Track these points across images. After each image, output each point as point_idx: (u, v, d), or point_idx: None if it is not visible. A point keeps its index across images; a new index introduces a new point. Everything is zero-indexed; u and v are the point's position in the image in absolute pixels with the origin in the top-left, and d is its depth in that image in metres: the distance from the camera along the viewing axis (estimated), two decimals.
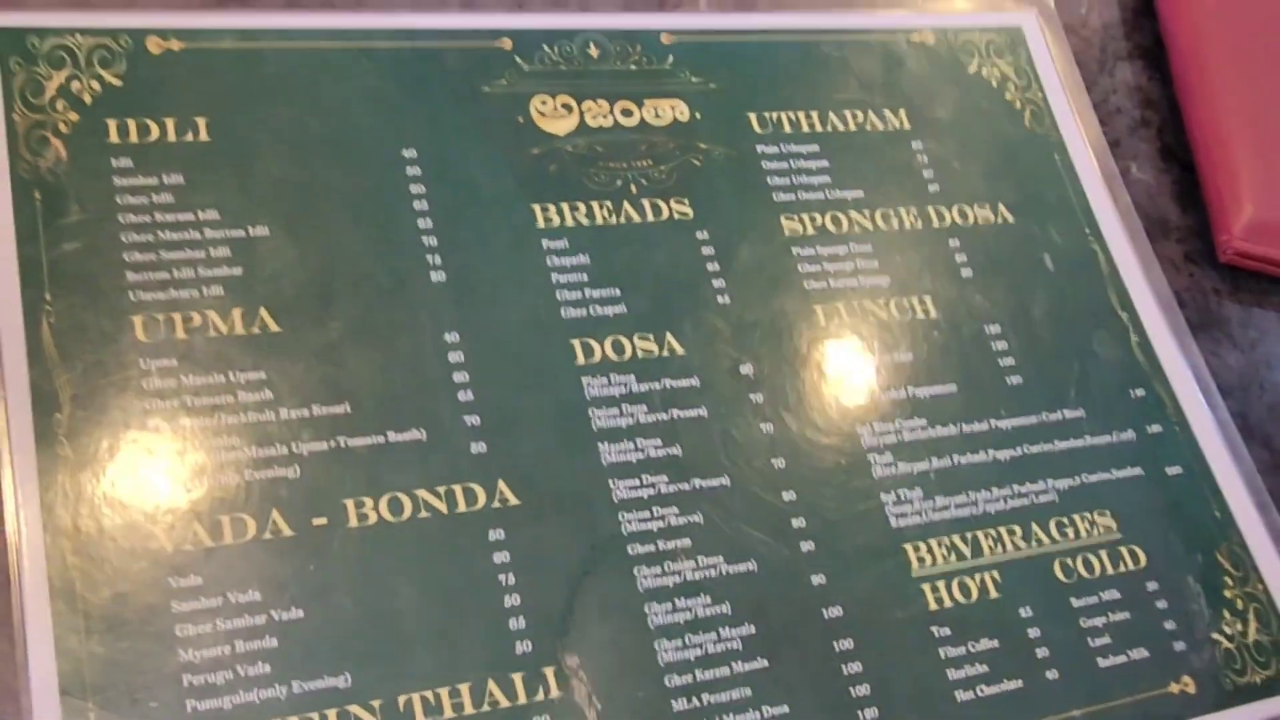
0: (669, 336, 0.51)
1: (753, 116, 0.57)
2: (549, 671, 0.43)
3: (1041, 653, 0.50)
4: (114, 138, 0.47)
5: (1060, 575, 0.52)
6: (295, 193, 0.48)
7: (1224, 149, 0.64)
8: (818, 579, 0.48)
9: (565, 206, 0.52)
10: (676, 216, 0.53)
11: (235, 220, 0.47)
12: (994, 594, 0.50)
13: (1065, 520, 0.53)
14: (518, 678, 0.43)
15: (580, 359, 0.49)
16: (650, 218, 0.53)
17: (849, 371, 0.53)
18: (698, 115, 0.56)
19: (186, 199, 0.47)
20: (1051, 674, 0.49)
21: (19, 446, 0.41)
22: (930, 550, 0.50)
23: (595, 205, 0.52)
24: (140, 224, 0.46)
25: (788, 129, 0.58)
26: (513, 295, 0.49)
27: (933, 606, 0.49)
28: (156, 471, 0.42)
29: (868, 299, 0.55)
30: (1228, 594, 0.54)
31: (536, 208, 0.51)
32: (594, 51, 0.56)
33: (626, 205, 0.53)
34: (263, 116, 0.49)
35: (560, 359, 0.49)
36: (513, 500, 0.46)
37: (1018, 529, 0.52)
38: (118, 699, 0.39)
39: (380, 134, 0.50)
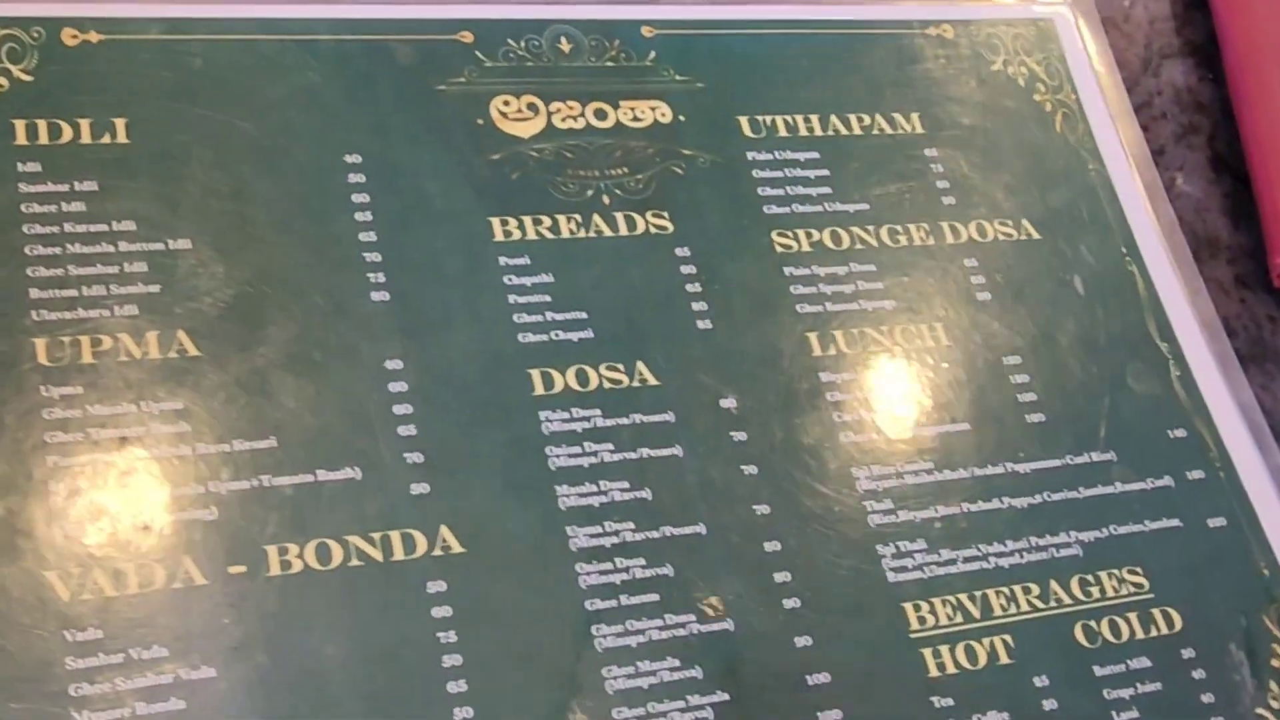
0: (640, 366, 0.51)
1: (744, 120, 0.58)
2: None
3: None
4: (21, 139, 0.47)
5: (1082, 639, 0.51)
6: (223, 202, 0.49)
7: None
8: (803, 641, 0.48)
9: (527, 219, 0.52)
10: (653, 231, 0.54)
11: (154, 232, 0.47)
12: (1005, 659, 0.50)
13: (1090, 578, 0.53)
14: None
15: (539, 390, 0.49)
16: (624, 232, 0.53)
17: (845, 408, 0.53)
18: (681, 118, 0.56)
19: (100, 208, 0.47)
20: None
21: None
22: (933, 609, 0.50)
23: (561, 218, 0.53)
24: (47, 236, 0.46)
25: (783, 133, 0.58)
26: (464, 318, 0.50)
27: (934, 673, 0.49)
28: (54, 511, 0.42)
29: (869, 325, 0.55)
30: (1275, 663, 0.53)
31: (495, 220, 0.52)
32: (565, 46, 0.56)
33: (597, 218, 0.53)
34: (189, 117, 0.50)
35: (516, 390, 0.49)
36: (457, 548, 0.46)
37: (1035, 587, 0.52)
38: None
39: (320, 137, 0.51)
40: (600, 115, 0.55)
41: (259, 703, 0.42)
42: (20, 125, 0.48)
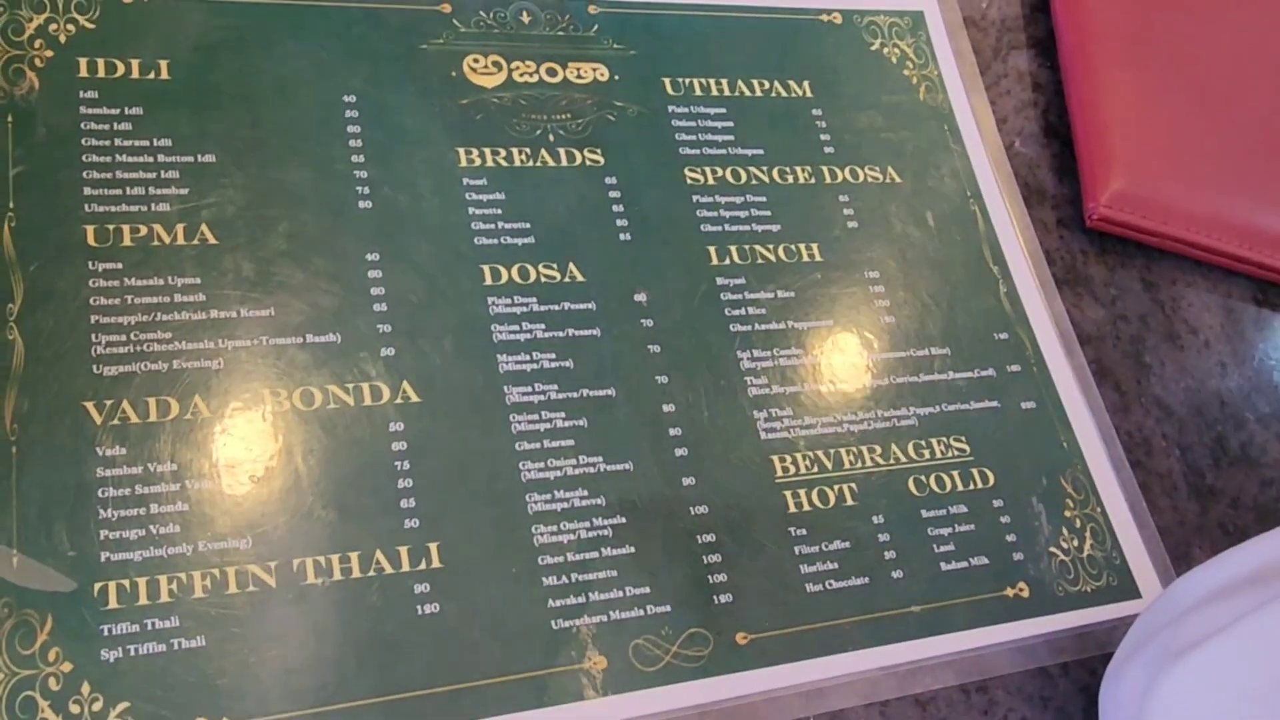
0: (571, 266, 0.50)
1: (667, 81, 0.56)
2: (433, 546, 0.43)
3: (889, 555, 0.48)
4: (84, 73, 0.46)
5: (913, 489, 0.50)
6: (243, 129, 0.47)
7: (1100, 127, 0.61)
8: (688, 480, 0.47)
9: (487, 150, 0.51)
10: (588, 164, 0.52)
11: (186, 148, 0.46)
12: (850, 502, 0.49)
13: (923, 443, 0.52)
14: (404, 550, 0.42)
15: (488, 281, 0.48)
16: (565, 164, 0.52)
17: (732, 304, 0.52)
18: (616, 78, 0.55)
19: (144, 128, 0.46)
20: (897, 574, 0.48)
21: None
22: (795, 461, 0.49)
23: (515, 151, 0.51)
24: (100, 147, 0.45)
25: (698, 93, 0.56)
26: (432, 223, 0.48)
27: (792, 509, 0.48)
28: (94, 356, 0.42)
29: (758, 243, 0.54)
30: (1068, 514, 0.52)
31: (461, 150, 0.50)
32: (526, 18, 0.55)
33: (543, 152, 0.52)
34: (219, 62, 0.48)
35: (470, 281, 0.48)
36: (414, 398, 0.45)
37: (878, 447, 0.51)
38: (39, 548, 0.38)
39: (324, 81, 0.50)
40: (551, 73, 0.54)
41: (247, 507, 0.41)
42: (84, 61, 0.46)
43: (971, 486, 0.51)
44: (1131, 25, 0.65)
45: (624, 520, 0.45)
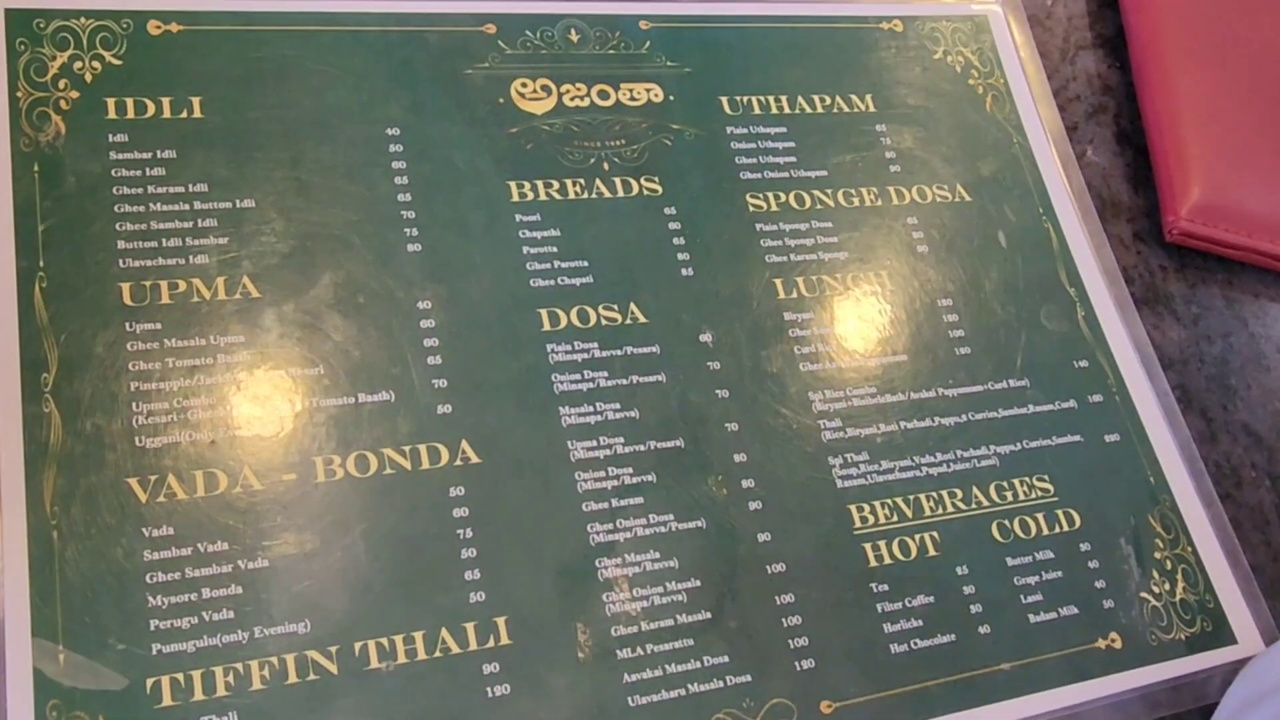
0: (632, 306, 0.47)
1: (724, 100, 0.52)
2: (501, 621, 0.40)
3: (975, 609, 0.45)
4: (112, 114, 0.43)
5: (997, 535, 0.47)
6: (283, 169, 0.44)
7: (1176, 134, 0.58)
8: (763, 536, 0.44)
9: (539, 183, 0.48)
10: (646, 193, 0.49)
11: (223, 193, 0.43)
12: (932, 552, 0.46)
13: (1005, 484, 0.49)
14: (470, 626, 0.39)
15: (546, 326, 0.45)
16: (620, 194, 0.49)
17: (804, 342, 0.48)
18: (671, 98, 0.51)
19: (178, 172, 0.43)
20: (984, 629, 0.45)
21: (5, 406, 0.38)
22: (873, 510, 0.46)
23: (568, 182, 0.48)
24: (133, 195, 0.42)
25: (757, 111, 0.53)
26: (485, 265, 0.45)
27: (872, 563, 0.45)
28: (135, 427, 0.39)
29: (826, 273, 0.50)
30: (1157, 555, 0.49)
31: (512, 184, 0.47)
32: (574, 36, 0.51)
33: (598, 182, 0.48)
34: (254, 96, 0.45)
35: (527, 326, 0.45)
36: (474, 459, 0.42)
37: (959, 491, 0.48)
38: (86, 642, 0.35)
39: (365, 113, 0.46)
40: (603, 95, 0.50)
41: (303, 586, 0.38)
42: (111, 102, 0.43)
43: (1057, 530, 0.48)
44: (1206, 21, 0.61)
45: (698, 583, 0.42)
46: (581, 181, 0.48)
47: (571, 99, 0.50)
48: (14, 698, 0.34)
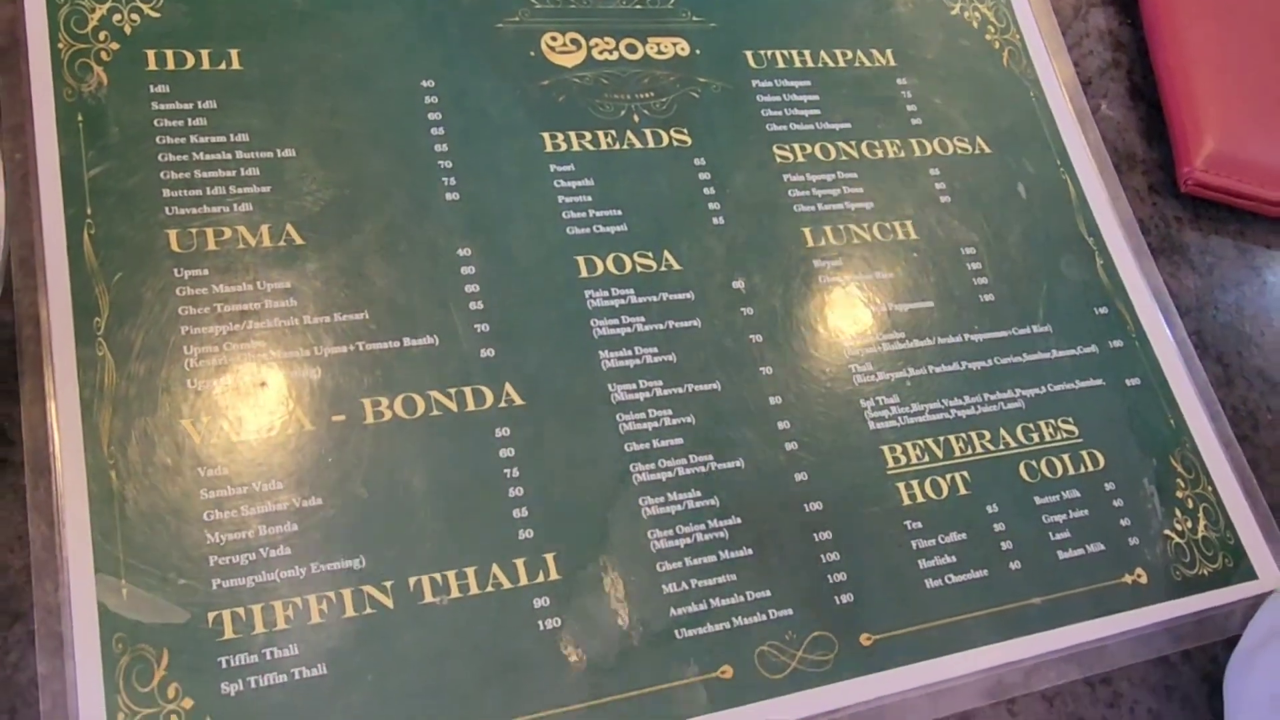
0: (666, 254, 0.47)
1: (749, 54, 0.53)
2: (549, 557, 0.40)
3: (1006, 545, 0.46)
4: (152, 65, 0.43)
5: (1025, 475, 0.48)
6: (322, 119, 0.45)
7: (1188, 87, 0.59)
8: (800, 476, 0.45)
9: (572, 134, 0.48)
10: (675, 144, 0.50)
11: (265, 143, 0.43)
12: (963, 491, 0.47)
13: (1031, 425, 0.49)
14: (520, 562, 0.40)
15: (583, 273, 0.46)
16: (651, 145, 0.49)
17: (833, 288, 0.49)
18: (698, 51, 0.52)
19: (219, 123, 0.43)
20: (1015, 565, 0.46)
21: (60, 349, 0.38)
22: (905, 451, 0.47)
23: (600, 133, 0.49)
24: (176, 145, 0.42)
25: (781, 65, 0.53)
26: (522, 214, 0.46)
27: (905, 502, 0.46)
28: (187, 370, 0.39)
29: (852, 222, 0.51)
30: (1179, 494, 0.50)
31: (545, 135, 0.48)
32: None
33: (629, 133, 0.49)
34: (292, 48, 0.45)
35: (565, 273, 0.45)
36: (518, 401, 0.42)
37: (987, 433, 0.49)
38: (148, 577, 0.36)
39: (401, 66, 0.47)
40: (631, 49, 0.51)
41: (357, 524, 0.39)
42: (151, 54, 0.44)
43: (1083, 470, 0.49)
44: None
45: (739, 521, 0.43)
46: (613, 133, 0.49)
47: (600, 52, 0.50)
48: (80, 631, 0.35)
